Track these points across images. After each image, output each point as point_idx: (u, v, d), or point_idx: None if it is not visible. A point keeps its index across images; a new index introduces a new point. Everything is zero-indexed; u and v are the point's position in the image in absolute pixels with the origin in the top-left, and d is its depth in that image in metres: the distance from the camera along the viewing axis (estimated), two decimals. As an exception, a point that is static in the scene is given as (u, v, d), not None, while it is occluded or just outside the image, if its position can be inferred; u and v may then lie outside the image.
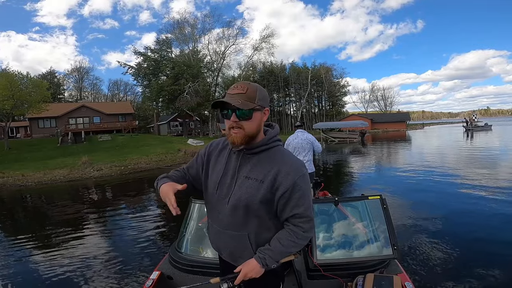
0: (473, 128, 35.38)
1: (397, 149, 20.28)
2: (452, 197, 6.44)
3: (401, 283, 1.72)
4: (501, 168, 9.82)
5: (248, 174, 1.11)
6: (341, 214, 1.99)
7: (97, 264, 3.86)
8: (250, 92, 1.05)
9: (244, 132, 1.06)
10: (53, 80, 47.42)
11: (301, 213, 1.10)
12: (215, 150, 1.25)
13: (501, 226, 4.47)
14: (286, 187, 1.07)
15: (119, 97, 59.25)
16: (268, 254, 1.11)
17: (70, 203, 8.71)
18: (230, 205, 1.13)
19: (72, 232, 5.56)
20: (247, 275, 1.11)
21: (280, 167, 1.09)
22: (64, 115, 31.38)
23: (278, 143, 1.16)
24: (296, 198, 1.09)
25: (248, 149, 1.12)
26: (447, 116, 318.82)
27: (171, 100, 32.22)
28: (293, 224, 1.12)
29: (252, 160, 1.12)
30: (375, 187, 7.89)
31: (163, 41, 34.67)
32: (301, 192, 1.09)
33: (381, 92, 72.78)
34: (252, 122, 1.07)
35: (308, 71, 51.47)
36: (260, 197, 1.08)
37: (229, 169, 1.16)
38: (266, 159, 1.12)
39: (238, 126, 1.06)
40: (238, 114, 1.05)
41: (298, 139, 4.23)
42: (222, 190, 1.16)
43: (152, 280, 1.94)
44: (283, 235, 1.13)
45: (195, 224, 2.32)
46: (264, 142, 1.12)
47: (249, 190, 1.09)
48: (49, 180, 12.89)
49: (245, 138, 1.07)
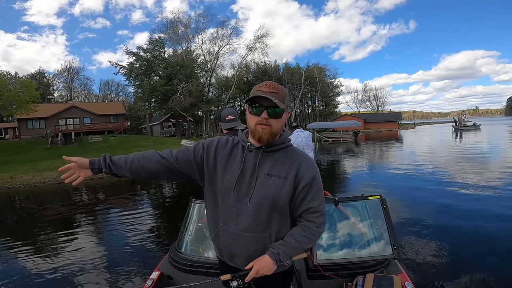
0: (462, 128, 36.03)
1: (390, 148, 20.57)
2: (440, 194, 6.58)
3: (401, 283, 1.72)
4: (489, 166, 10.04)
5: (270, 171, 1.11)
6: (341, 214, 1.99)
7: (90, 266, 3.80)
8: (282, 93, 1.09)
9: (271, 129, 1.09)
10: (42, 80, 46.50)
11: (315, 207, 1.13)
12: (224, 147, 1.19)
13: (491, 223, 4.54)
14: (308, 181, 1.11)
15: (110, 97, 58.43)
16: (282, 249, 1.10)
17: (61, 205, 8.50)
18: (253, 203, 1.10)
19: (65, 234, 5.44)
20: (259, 272, 1.08)
21: (300, 162, 1.14)
22: (53, 116, 30.77)
23: (290, 143, 1.21)
24: (313, 192, 1.13)
25: (268, 147, 1.12)
26: (437, 116, 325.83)
27: (164, 100, 31.91)
28: (306, 219, 1.14)
29: (272, 158, 1.13)
30: (369, 186, 7.98)
31: (156, 40, 34.26)
32: (318, 186, 1.14)
33: (374, 92, 73.99)
34: (280, 121, 1.11)
35: (302, 71, 51.76)
36: (285, 193, 1.10)
37: (248, 168, 1.13)
38: (285, 157, 1.15)
39: (267, 124, 1.08)
40: (269, 112, 1.07)
41: (301, 137, 4.31)
42: (241, 190, 1.11)
43: (152, 280, 1.93)
44: (297, 231, 1.15)
45: (195, 224, 2.32)
46: (283, 140, 1.16)
47: (274, 187, 1.09)
48: (38, 182, 12.58)
49: (271, 135, 1.10)
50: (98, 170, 1.17)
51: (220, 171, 1.15)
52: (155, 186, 11.00)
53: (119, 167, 1.17)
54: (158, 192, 9.86)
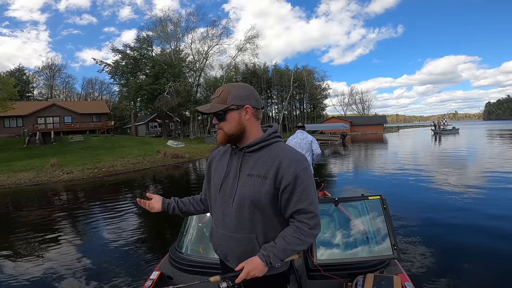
0: (441, 132, 37.25)
1: (376, 150, 21.11)
2: (427, 192, 6.81)
3: (401, 283, 1.72)
4: (467, 168, 10.50)
5: (250, 172, 1.10)
6: (341, 214, 1.98)
7: (90, 266, 3.80)
8: (223, 94, 1.09)
9: (223, 131, 1.11)
10: (21, 77, 44.35)
11: (305, 208, 1.07)
12: (216, 156, 1.27)
13: (491, 222, 4.65)
14: (289, 180, 1.05)
15: (93, 96, 56.52)
16: (273, 251, 1.06)
17: (38, 208, 8.06)
18: (235, 204, 1.10)
19: (45, 238, 5.16)
20: (250, 274, 1.05)
21: (281, 160, 1.07)
22: (32, 114, 29.39)
23: (278, 139, 1.16)
24: (299, 192, 1.06)
25: (248, 147, 1.12)
26: (419, 119, 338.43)
27: (150, 100, 31.24)
28: (298, 220, 1.09)
29: (253, 158, 1.12)
30: (366, 186, 8.07)
31: (143, 39, 33.46)
32: (304, 186, 1.06)
33: (360, 96, 75.76)
34: (228, 122, 1.10)
35: (291, 73, 52.27)
36: (265, 193, 1.06)
37: (231, 170, 1.16)
38: (267, 155, 1.11)
39: (219, 127, 1.12)
40: (216, 117, 1.11)
41: (297, 138, 4.22)
42: (225, 191, 1.15)
43: (152, 280, 1.92)
44: (288, 232, 1.10)
45: (195, 224, 2.33)
46: (263, 138, 1.13)
47: (253, 187, 1.08)
48: (13, 183, 11.90)
49: (225, 137, 1.12)
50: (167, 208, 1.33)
51: (212, 175, 1.23)
52: (154, 185, 10.68)
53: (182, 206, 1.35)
54: (158, 192, 9.55)
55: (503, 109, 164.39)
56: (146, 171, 14.53)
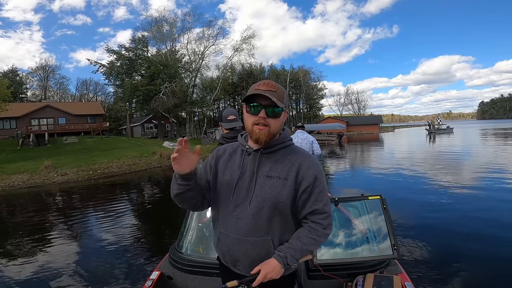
0: (436, 131, 37.49)
1: (372, 150, 21.26)
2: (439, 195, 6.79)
3: (401, 283, 1.71)
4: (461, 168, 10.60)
5: (269, 173, 1.08)
6: (341, 214, 1.97)
7: (90, 267, 3.80)
8: (280, 92, 1.05)
9: (269, 129, 1.05)
10: (15, 78, 43.76)
11: (320, 209, 1.09)
12: (223, 155, 1.19)
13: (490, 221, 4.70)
14: (309, 182, 1.07)
15: (88, 97, 55.91)
16: (290, 252, 1.06)
17: (32, 210, 7.91)
18: (253, 207, 1.07)
19: (43, 239, 5.11)
20: (267, 276, 1.04)
21: (301, 162, 1.09)
22: (25, 116, 28.99)
23: (292, 142, 1.16)
24: (316, 193, 1.08)
25: (266, 148, 1.09)
26: (413, 119, 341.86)
27: (146, 100, 31.00)
28: (312, 221, 1.10)
29: (271, 159, 1.10)
30: (364, 187, 8.10)
31: (139, 39, 33.19)
32: (321, 187, 1.09)
33: (355, 96, 76.20)
34: (278, 121, 1.07)
35: (287, 73, 52.36)
36: (286, 195, 1.06)
37: (246, 171, 1.10)
38: (285, 157, 1.10)
39: (265, 124, 1.04)
40: (267, 111, 1.03)
41: (298, 138, 4.25)
42: (240, 194, 1.09)
43: (152, 280, 1.91)
44: (303, 232, 1.10)
45: (195, 224, 2.32)
46: (282, 140, 1.12)
47: (274, 189, 1.06)
48: (6, 186, 11.71)
49: (269, 136, 1.06)
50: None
51: (220, 178, 1.15)
52: (150, 186, 10.60)
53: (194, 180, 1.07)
54: (154, 194, 9.48)
55: (497, 108, 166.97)
56: (142, 173, 14.42)
